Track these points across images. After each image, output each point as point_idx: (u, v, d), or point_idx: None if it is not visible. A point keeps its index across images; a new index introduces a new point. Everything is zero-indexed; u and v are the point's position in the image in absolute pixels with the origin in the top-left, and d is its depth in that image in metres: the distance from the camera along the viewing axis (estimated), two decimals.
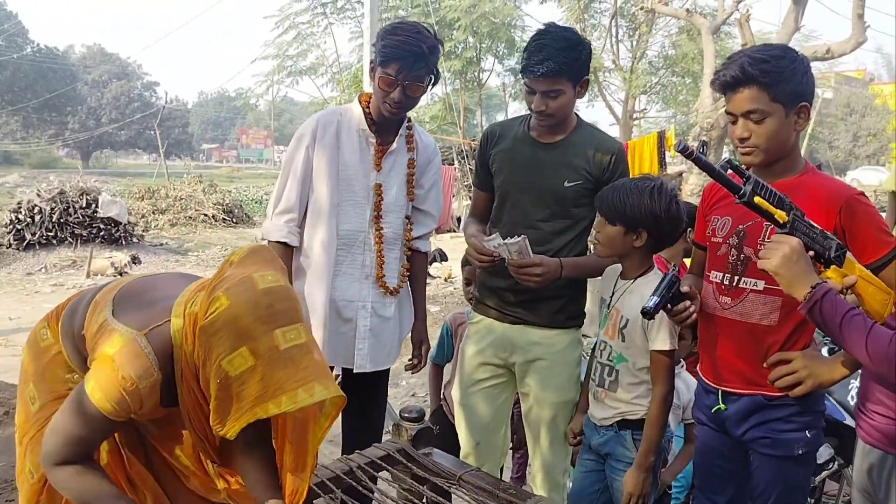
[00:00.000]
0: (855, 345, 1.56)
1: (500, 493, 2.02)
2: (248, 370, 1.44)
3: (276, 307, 1.49)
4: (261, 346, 1.45)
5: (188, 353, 1.53)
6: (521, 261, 2.25)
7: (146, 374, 1.52)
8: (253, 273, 1.53)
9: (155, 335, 1.56)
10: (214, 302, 1.48)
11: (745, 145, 1.86)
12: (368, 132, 2.50)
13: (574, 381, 2.49)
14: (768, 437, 1.92)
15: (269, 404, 1.43)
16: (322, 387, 1.47)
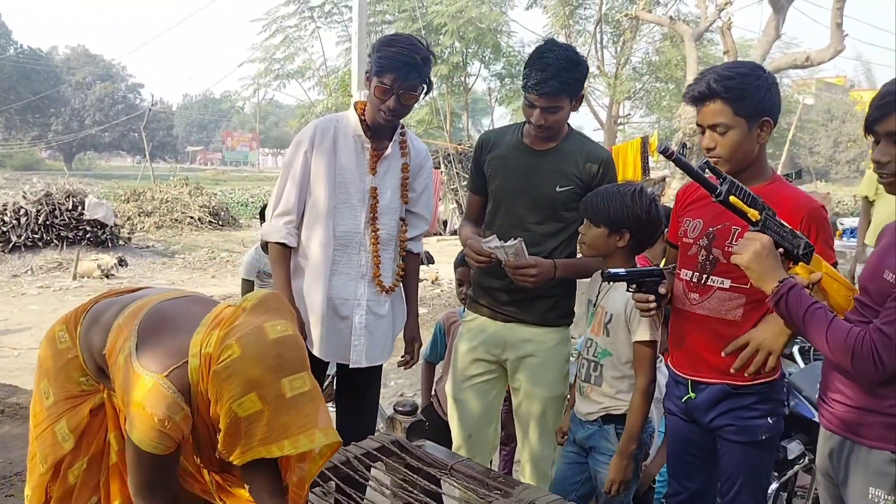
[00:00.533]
0: (816, 336, 1.68)
1: (489, 481, 2.13)
2: (256, 413, 1.56)
3: (284, 357, 1.60)
4: (268, 392, 1.57)
5: (203, 391, 1.64)
6: (518, 262, 2.36)
7: (176, 409, 1.63)
8: (264, 323, 1.63)
9: (175, 376, 1.65)
10: (227, 349, 1.59)
11: (711, 155, 2.01)
12: (364, 138, 2.60)
13: (563, 377, 2.60)
14: (734, 425, 2.05)
15: (273, 447, 1.57)
16: (322, 434, 1.61)
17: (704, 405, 2.10)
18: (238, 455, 1.59)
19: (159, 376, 1.64)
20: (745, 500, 2.05)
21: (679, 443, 2.24)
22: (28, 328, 8.90)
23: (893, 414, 1.62)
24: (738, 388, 2.04)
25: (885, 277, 1.61)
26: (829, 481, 1.82)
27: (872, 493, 1.65)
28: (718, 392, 2.07)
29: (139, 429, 1.63)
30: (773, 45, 13.65)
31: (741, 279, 1.96)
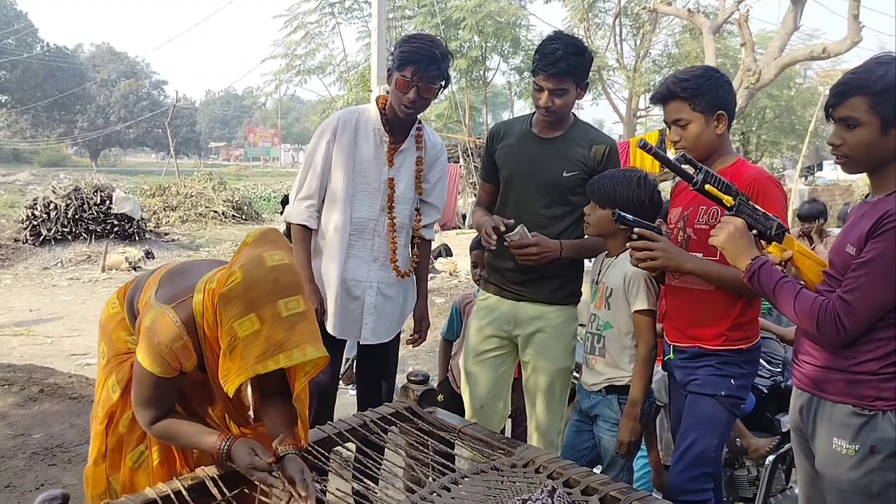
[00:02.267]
0: (785, 305, 1.83)
1: (494, 443, 2.32)
2: (254, 333, 1.73)
3: (280, 281, 1.78)
4: (266, 313, 1.74)
5: (209, 321, 1.84)
6: (520, 241, 2.53)
7: (176, 338, 1.84)
8: (263, 252, 1.82)
9: (181, 307, 1.87)
10: (231, 276, 1.78)
11: (678, 147, 2.25)
12: (383, 131, 2.77)
13: (570, 352, 2.76)
14: (698, 379, 2.25)
15: (269, 361, 1.73)
16: (313, 348, 1.79)
17: (680, 364, 2.31)
18: (235, 375, 1.77)
19: (167, 307, 1.87)
20: (697, 452, 2.21)
21: (676, 408, 2.44)
22: (59, 318, 9.21)
23: (854, 372, 1.77)
24: (708, 351, 2.24)
25: (846, 251, 1.77)
26: (799, 436, 1.98)
27: (836, 443, 1.80)
28: (692, 353, 2.27)
29: (143, 350, 1.85)
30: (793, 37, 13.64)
31: (711, 254, 2.17)
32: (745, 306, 2.23)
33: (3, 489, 3.20)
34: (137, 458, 2.07)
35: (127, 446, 2.07)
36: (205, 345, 1.90)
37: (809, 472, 1.97)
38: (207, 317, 1.85)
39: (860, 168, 1.80)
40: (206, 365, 1.94)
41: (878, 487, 1.76)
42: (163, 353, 1.84)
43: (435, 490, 2.07)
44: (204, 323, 1.86)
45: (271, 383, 1.94)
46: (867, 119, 1.72)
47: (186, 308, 1.87)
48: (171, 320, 1.86)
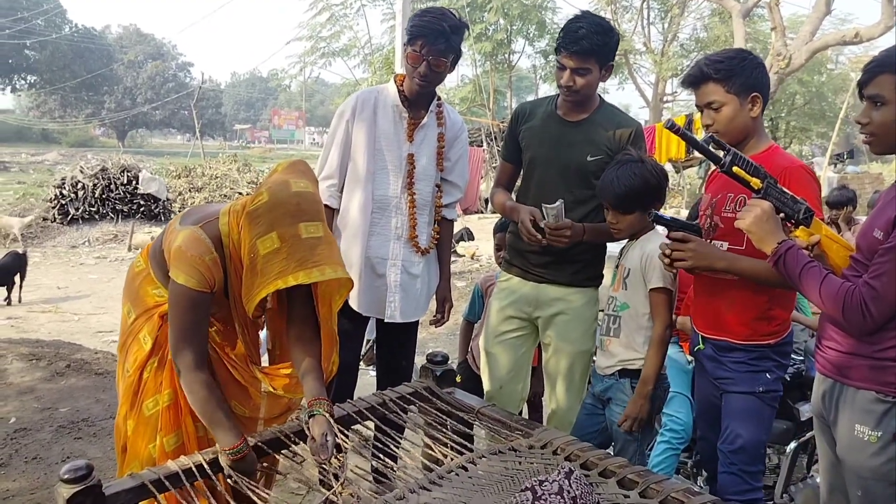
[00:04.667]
0: (811, 290, 1.80)
1: (512, 424, 2.32)
2: (274, 251, 1.85)
3: (302, 206, 1.89)
4: (286, 232, 1.86)
5: (234, 240, 1.97)
6: (556, 223, 2.50)
7: (206, 250, 1.96)
8: (290, 178, 1.94)
9: (208, 227, 2.00)
10: (259, 196, 1.91)
11: (710, 130, 2.17)
12: (402, 108, 2.77)
13: (590, 334, 2.75)
14: (732, 378, 2.21)
15: (289, 277, 1.84)
16: (331, 269, 1.90)
17: (710, 356, 2.27)
18: (256, 290, 1.87)
19: (195, 227, 1.99)
20: (745, 451, 2.19)
21: (700, 395, 2.42)
22: (87, 295, 9.37)
23: (878, 358, 1.75)
24: (738, 345, 2.20)
25: (874, 235, 1.74)
26: (822, 422, 1.96)
27: (858, 429, 1.78)
28: (722, 346, 2.23)
29: (177, 267, 1.95)
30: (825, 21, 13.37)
31: (737, 242, 2.14)
32: (773, 299, 2.18)
33: (31, 461, 3.27)
34: (153, 406, 2.12)
35: (146, 393, 2.12)
36: (230, 265, 2.00)
37: (831, 458, 1.95)
38: (233, 235, 1.97)
39: (886, 148, 1.77)
40: (229, 288, 2.04)
41: None
42: (197, 264, 1.94)
43: (452, 469, 2.08)
44: (230, 242, 1.98)
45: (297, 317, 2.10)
46: (894, 98, 1.69)
47: (213, 228, 1.99)
48: (199, 235, 1.97)
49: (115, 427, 2.23)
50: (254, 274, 1.90)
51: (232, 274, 2.02)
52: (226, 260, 2.01)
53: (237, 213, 1.98)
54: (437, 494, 1.96)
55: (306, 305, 2.13)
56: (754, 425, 2.18)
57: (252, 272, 1.91)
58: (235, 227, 1.97)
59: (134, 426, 2.15)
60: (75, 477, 1.77)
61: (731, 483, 2.16)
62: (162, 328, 2.15)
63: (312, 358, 2.09)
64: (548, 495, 1.76)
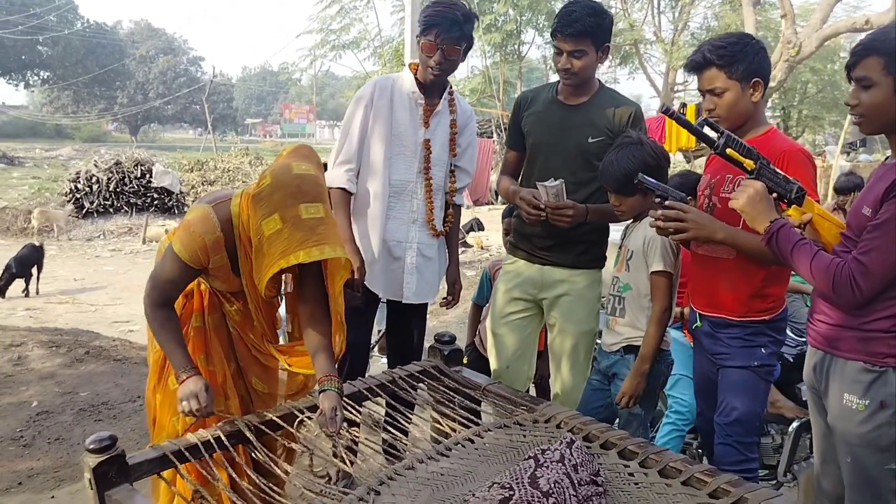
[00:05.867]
0: (802, 266, 1.87)
1: (517, 400, 2.41)
2: (277, 232, 1.95)
3: (303, 187, 1.99)
4: (287, 213, 1.96)
5: (244, 221, 2.08)
6: (557, 203, 2.58)
7: (210, 230, 2.08)
8: (292, 162, 2.06)
9: (220, 208, 2.12)
10: (263, 179, 2.03)
11: (712, 115, 2.22)
12: (418, 94, 2.85)
13: (594, 315, 2.82)
14: (729, 353, 2.28)
15: (290, 257, 1.94)
16: (330, 248, 1.99)
17: (707, 333, 2.35)
18: (264, 270, 1.97)
19: (208, 206, 2.12)
20: (740, 423, 2.26)
21: (699, 372, 2.50)
22: (103, 287, 9.52)
23: (866, 330, 1.81)
24: (734, 321, 2.27)
25: (863, 212, 1.80)
26: (814, 393, 2.03)
27: (847, 398, 1.85)
28: (718, 322, 2.31)
29: (179, 237, 2.10)
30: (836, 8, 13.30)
31: (734, 222, 2.18)
32: (768, 277, 2.24)
33: (53, 441, 3.38)
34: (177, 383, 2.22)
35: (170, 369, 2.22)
36: (240, 246, 2.11)
37: (823, 427, 2.02)
38: (243, 217, 2.08)
39: (875, 128, 1.83)
40: (241, 268, 2.14)
41: (887, 441, 1.81)
42: (195, 243, 2.06)
43: (460, 441, 2.17)
44: (240, 223, 2.09)
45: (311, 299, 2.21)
46: (881, 80, 1.75)
47: (224, 208, 2.10)
48: (208, 215, 2.09)
49: (146, 400, 2.34)
50: (260, 255, 2.01)
51: (241, 254, 2.12)
52: (235, 240, 2.11)
53: (247, 196, 2.08)
54: (444, 464, 2.05)
55: (318, 286, 2.22)
56: (749, 398, 2.25)
57: (259, 253, 2.01)
58: (245, 209, 2.08)
59: (161, 399, 2.26)
60: (100, 447, 1.87)
61: (727, 454, 2.23)
62: (185, 306, 2.27)
63: (323, 337, 2.18)
64: (550, 462, 1.84)
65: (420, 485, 1.93)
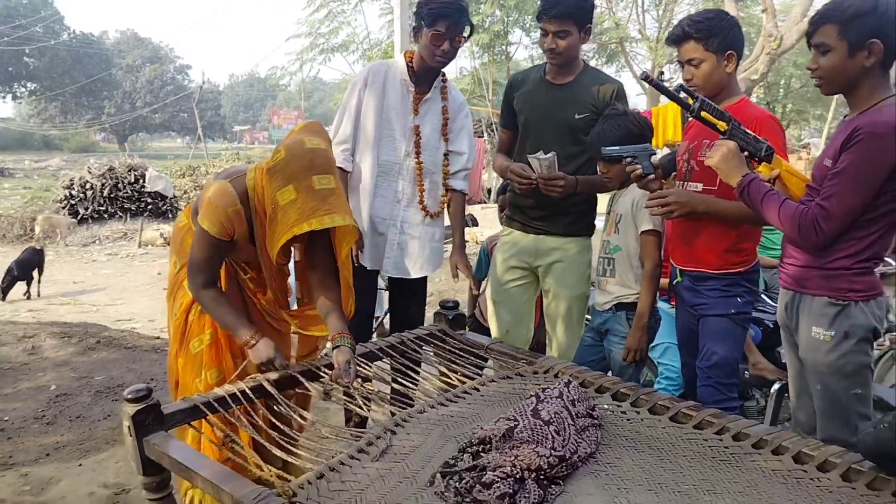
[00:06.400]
0: (771, 214, 2.06)
1: (519, 356, 2.59)
2: (291, 201, 2.12)
3: (315, 161, 2.16)
4: (301, 184, 2.12)
5: (259, 194, 2.23)
6: (549, 174, 2.77)
7: (231, 202, 2.23)
8: (304, 137, 2.23)
9: (236, 182, 2.27)
10: (277, 153, 2.20)
11: (690, 84, 2.42)
12: (409, 82, 3.02)
13: (585, 279, 3.02)
14: (708, 303, 2.47)
15: (304, 224, 2.10)
16: (340, 217, 2.16)
17: (687, 286, 2.54)
18: (278, 237, 2.13)
19: (225, 181, 2.28)
20: (721, 366, 2.44)
21: (681, 326, 2.69)
22: (102, 288, 9.65)
23: (829, 268, 2.01)
24: (712, 274, 2.46)
25: (824, 164, 2.00)
26: (787, 332, 2.23)
27: (815, 331, 2.05)
28: (697, 276, 2.50)
29: (204, 213, 2.25)
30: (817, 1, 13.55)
31: (711, 183, 2.39)
32: (741, 234, 2.44)
33: (75, 419, 3.54)
34: (198, 346, 2.39)
35: (191, 334, 2.39)
36: (255, 217, 2.26)
37: (796, 363, 2.21)
38: (258, 189, 2.23)
39: (834, 89, 2.03)
40: (256, 237, 2.30)
41: (852, 368, 2.01)
42: (220, 215, 2.21)
43: (466, 390, 2.35)
44: (255, 196, 2.24)
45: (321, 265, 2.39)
46: (836, 44, 1.95)
47: (241, 183, 2.26)
48: (227, 189, 2.24)
49: (168, 366, 2.51)
50: (274, 223, 2.17)
51: (257, 224, 2.28)
52: (251, 212, 2.27)
53: (261, 171, 2.25)
54: (453, 408, 2.23)
55: (327, 254, 2.39)
56: (728, 343, 2.44)
57: (273, 221, 2.18)
58: (260, 182, 2.23)
59: (183, 363, 2.43)
60: (137, 397, 2.04)
61: (708, 394, 2.42)
62: None
63: (334, 300, 2.36)
64: (550, 398, 2.03)
65: (432, 425, 2.11)
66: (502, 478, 1.74)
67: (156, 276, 10.38)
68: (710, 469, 1.87)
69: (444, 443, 2.00)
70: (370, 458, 1.94)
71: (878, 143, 1.86)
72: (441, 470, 1.83)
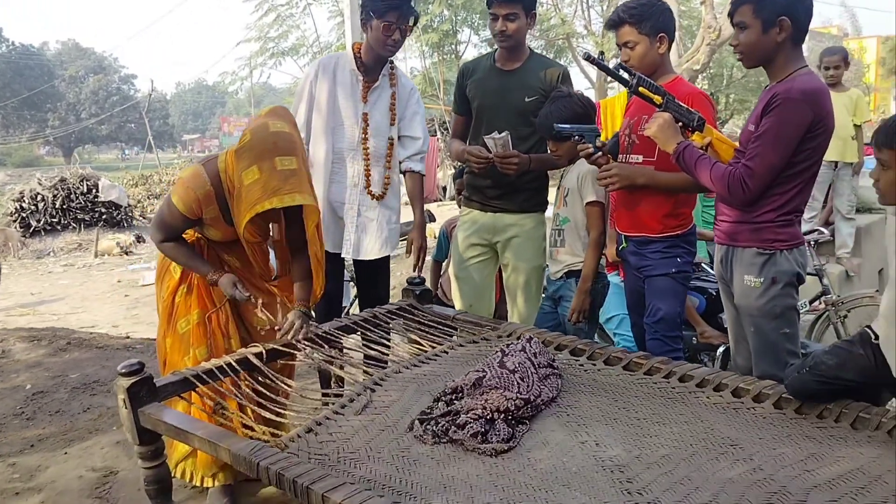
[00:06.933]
0: (703, 175, 2.28)
1: (484, 323, 2.79)
2: (255, 181, 2.29)
3: (278, 143, 2.33)
4: (264, 165, 2.29)
5: (229, 175, 2.40)
6: (504, 153, 2.97)
7: (201, 185, 2.42)
8: (269, 121, 2.39)
9: (209, 165, 2.47)
10: (244, 137, 2.38)
11: (627, 65, 2.63)
12: (357, 72, 3.16)
13: (541, 252, 3.21)
14: (651, 264, 2.69)
15: (266, 202, 2.28)
16: (301, 196, 2.33)
17: (632, 251, 2.75)
18: (243, 214, 2.31)
19: (199, 165, 2.49)
20: (666, 320, 2.66)
21: (629, 290, 2.90)
22: (61, 298, 9.56)
23: (757, 222, 2.24)
24: (653, 238, 2.68)
25: (748, 129, 2.24)
26: (723, 283, 2.46)
27: (747, 279, 2.28)
28: (640, 241, 2.72)
29: (176, 191, 2.46)
30: None
31: (651, 154, 2.62)
32: (678, 201, 2.67)
33: (54, 413, 3.61)
34: (186, 326, 2.53)
35: (179, 314, 2.53)
36: (229, 197, 2.43)
37: (733, 311, 2.45)
38: (229, 171, 2.41)
39: (754, 62, 2.27)
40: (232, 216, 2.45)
41: (780, 310, 2.25)
42: (190, 197, 2.41)
43: (436, 353, 2.54)
44: (226, 178, 2.42)
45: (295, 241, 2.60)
46: (752, 22, 2.20)
47: (213, 165, 2.46)
48: (199, 172, 2.44)
49: (157, 346, 2.64)
50: (240, 201, 2.34)
51: (232, 203, 2.43)
52: (225, 192, 2.44)
53: (231, 153, 2.42)
54: (425, 369, 2.42)
55: (300, 232, 2.55)
56: (671, 299, 2.66)
57: (238, 200, 2.35)
58: (230, 164, 2.40)
59: (171, 343, 2.56)
60: (131, 371, 2.18)
61: (655, 347, 2.64)
62: None
63: (304, 272, 2.58)
64: (514, 352, 2.23)
65: (407, 382, 2.30)
66: (474, 419, 1.94)
67: (115, 283, 10.33)
68: (659, 405, 2.09)
69: (419, 396, 2.18)
70: (353, 412, 2.12)
71: (792, 106, 2.11)
72: (419, 417, 2.01)
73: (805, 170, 2.20)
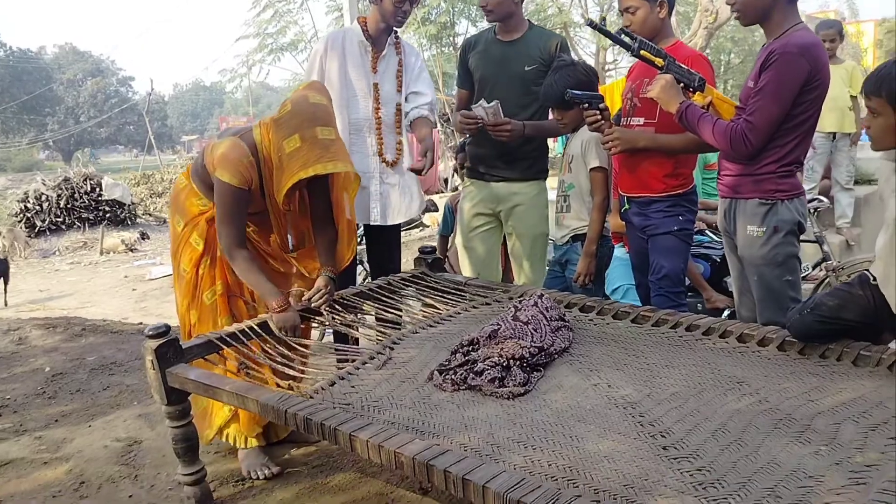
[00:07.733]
0: (706, 132, 2.36)
1: (494, 287, 2.87)
2: (296, 149, 2.38)
3: (317, 114, 2.43)
4: (306, 134, 2.38)
5: (266, 146, 2.47)
6: (496, 120, 3.04)
7: (244, 154, 2.46)
8: (308, 93, 2.49)
9: (245, 137, 2.51)
10: (284, 107, 2.48)
11: (629, 30, 2.68)
12: (366, 43, 3.24)
13: (544, 219, 3.29)
14: (654, 223, 2.76)
15: (309, 168, 2.37)
16: (342, 164, 2.43)
17: (635, 212, 2.83)
18: (284, 182, 2.38)
19: (234, 137, 2.50)
20: (670, 276, 2.74)
21: (634, 251, 2.98)
22: (70, 294, 9.65)
23: (759, 174, 2.32)
24: (654, 198, 2.76)
25: (748, 86, 2.32)
26: (727, 236, 2.55)
27: (749, 229, 2.36)
28: (642, 201, 2.80)
29: (221, 168, 2.42)
30: None
31: (652, 116, 2.70)
32: (678, 161, 2.74)
33: (75, 392, 3.70)
34: (211, 297, 2.61)
35: (204, 286, 2.60)
36: (265, 167, 2.50)
37: (737, 263, 2.53)
38: (265, 142, 2.48)
39: (751, 20, 2.35)
40: (265, 186, 2.52)
41: (782, 258, 2.34)
42: (237, 166, 2.43)
43: (450, 314, 2.62)
44: (262, 148, 2.48)
45: (321, 211, 2.65)
46: None
47: (249, 137, 2.51)
48: (239, 143, 2.47)
49: (180, 318, 2.71)
50: (281, 169, 2.42)
51: (266, 174, 2.52)
52: (260, 163, 2.50)
53: (267, 125, 2.49)
54: (440, 329, 2.50)
55: (324, 201, 2.65)
56: (674, 257, 2.74)
57: (280, 168, 2.43)
58: (266, 135, 2.48)
59: (198, 315, 2.63)
60: (158, 333, 2.26)
61: (660, 303, 2.71)
62: (209, 231, 2.62)
63: (329, 240, 2.65)
64: (526, 307, 2.31)
65: (424, 340, 2.39)
66: (491, 366, 2.02)
67: (122, 279, 10.42)
68: (667, 352, 2.18)
69: (437, 352, 2.27)
70: (373, 367, 2.20)
71: (790, 60, 2.18)
72: (437, 368, 2.10)
73: (804, 121, 2.28)
